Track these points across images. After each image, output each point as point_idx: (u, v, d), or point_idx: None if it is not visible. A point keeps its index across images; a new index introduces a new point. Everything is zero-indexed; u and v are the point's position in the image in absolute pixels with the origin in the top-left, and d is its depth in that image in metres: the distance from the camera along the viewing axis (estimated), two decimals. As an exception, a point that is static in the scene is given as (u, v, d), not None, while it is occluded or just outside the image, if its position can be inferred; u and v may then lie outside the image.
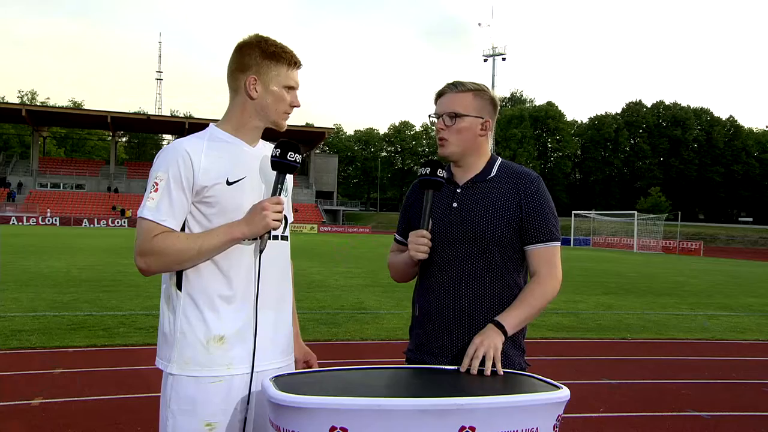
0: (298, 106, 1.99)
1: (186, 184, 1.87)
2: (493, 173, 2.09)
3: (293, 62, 1.94)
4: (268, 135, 2.09)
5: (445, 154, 2.09)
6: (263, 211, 1.84)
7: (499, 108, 2.18)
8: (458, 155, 2.09)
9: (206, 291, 1.89)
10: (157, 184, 1.87)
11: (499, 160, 2.14)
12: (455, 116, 2.05)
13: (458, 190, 2.09)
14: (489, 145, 2.15)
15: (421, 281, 2.14)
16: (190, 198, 1.89)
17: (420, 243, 2.00)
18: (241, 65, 1.94)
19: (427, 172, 2.04)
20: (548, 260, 2.05)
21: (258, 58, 1.92)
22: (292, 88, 1.96)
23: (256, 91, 1.93)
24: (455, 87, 2.08)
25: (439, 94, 2.11)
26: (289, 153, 1.90)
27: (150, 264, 1.86)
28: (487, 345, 1.86)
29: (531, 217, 2.04)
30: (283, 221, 2.03)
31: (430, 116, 2.13)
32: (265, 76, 1.92)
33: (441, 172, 2.04)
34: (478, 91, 2.08)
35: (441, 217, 2.07)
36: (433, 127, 2.14)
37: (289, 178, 2.13)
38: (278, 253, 2.01)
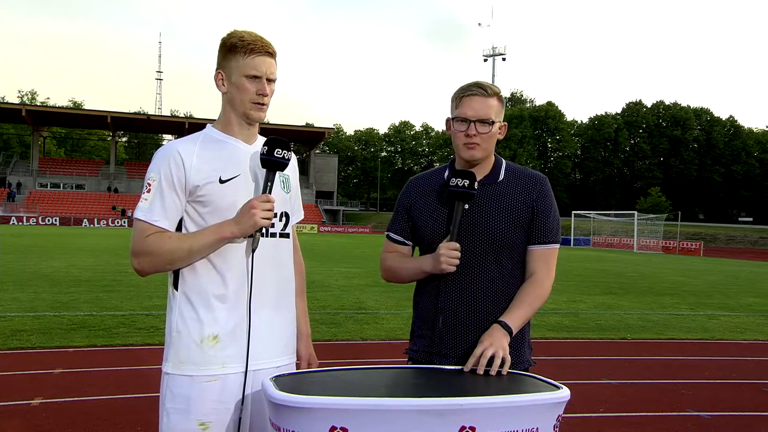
0: (265, 94, 1.94)
1: (178, 184, 1.88)
2: (502, 176, 2.10)
3: (250, 50, 1.90)
4: (270, 133, 2.08)
5: (476, 158, 2.05)
6: (251, 209, 1.84)
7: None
8: (483, 159, 2.08)
9: (201, 290, 1.89)
10: (150, 185, 1.89)
11: (504, 161, 2.15)
12: (492, 123, 2.03)
13: None
14: None
15: (428, 282, 2.11)
16: (184, 198, 1.90)
17: (453, 256, 1.98)
18: (216, 64, 1.98)
19: (466, 184, 1.99)
20: (547, 261, 2.07)
21: (222, 53, 1.95)
22: (254, 77, 1.92)
23: (224, 86, 1.96)
24: (485, 90, 2.03)
25: (466, 95, 2.04)
26: (276, 150, 1.90)
27: (143, 264, 1.87)
28: (496, 347, 1.86)
29: (539, 218, 2.06)
30: (284, 218, 2.03)
31: (454, 118, 2.06)
32: (228, 70, 1.94)
33: (476, 186, 2.01)
34: (500, 95, 2.08)
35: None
36: (452, 129, 2.07)
37: (294, 176, 2.12)
38: (276, 250, 2.00)
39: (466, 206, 2.05)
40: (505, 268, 2.05)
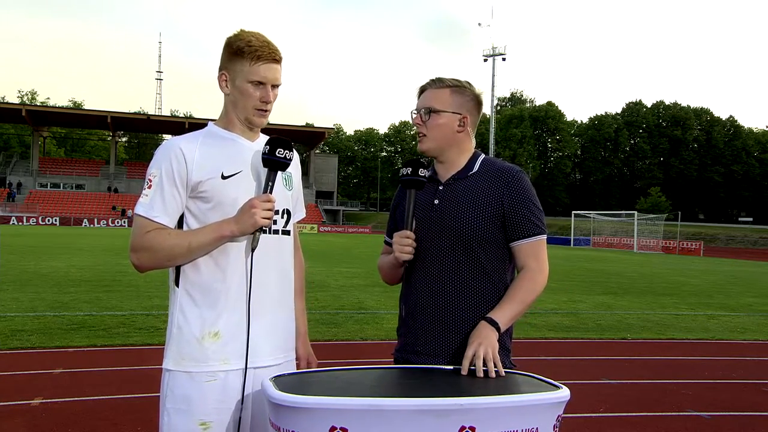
0: (269, 101, 1.93)
1: (179, 180, 1.87)
2: (475, 169, 2.08)
3: (257, 56, 1.88)
4: (270, 133, 2.08)
5: (423, 149, 2.10)
6: (252, 209, 1.83)
7: (483, 105, 2.18)
8: (435, 150, 2.09)
9: (202, 287, 1.89)
10: (150, 181, 1.89)
11: (482, 156, 2.13)
12: (430, 112, 2.06)
13: (440, 188, 2.08)
14: (472, 141, 2.14)
15: (406, 281, 2.12)
16: (185, 194, 1.89)
17: (404, 244, 1.99)
18: (220, 63, 1.97)
19: (409, 172, 2.03)
20: (535, 254, 2.03)
21: (227, 54, 1.93)
22: (260, 83, 1.91)
23: (227, 88, 1.95)
24: (435, 83, 2.09)
25: (421, 90, 2.12)
26: (278, 149, 1.89)
27: (141, 260, 1.87)
28: (486, 346, 1.84)
29: (514, 213, 2.02)
30: (286, 215, 2.03)
31: (412, 112, 2.13)
32: (233, 72, 1.93)
33: (423, 172, 2.03)
34: (457, 87, 2.08)
35: (423, 214, 2.06)
36: (413, 122, 2.15)
37: (296, 173, 2.12)
38: (277, 248, 1.99)
39: (436, 202, 2.06)
40: (481, 264, 2.01)
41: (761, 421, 4.87)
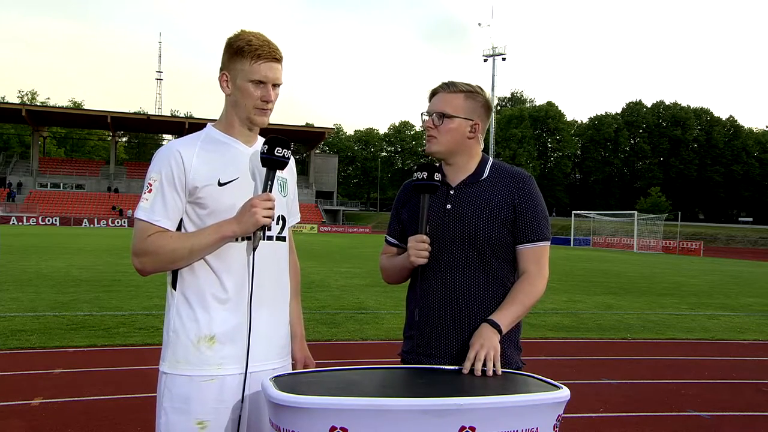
0: (269, 100, 1.93)
1: (179, 184, 1.88)
2: (486, 174, 2.09)
3: (257, 55, 1.88)
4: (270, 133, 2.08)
5: (431, 151, 2.10)
6: (252, 207, 1.83)
7: (492, 111, 2.19)
8: (444, 154, 2.09)
9: (199, 290, 1.89)
10: (151, 185, 1.88)
11: (491, 160, 2.15)
12: (443, 116, 2.06)
13: (451, 192, 2.09)
14: (481, 146, 2.15)
15: (416, 283, 2.12)
16: (184, 198, 1.89)
17: (421, 248, 1.99)
18: (221, 63, 1.96)
19: (424, 176, 2.03)
20: (538, 259, 2.06)
21: (228, 54, 1.93)
22: (260, 83, 1.91)
23: (228, 88, 1.94)
24: (448, 87, 2.09)
25: (433, 93, 2.12)
26: (277, 148, 1.89)
27: (144, 264, 1.87)
28: (487, 347, 1.86)
29: (524, 217, 2.05)
30: (281, 221, 2.03)
31: (422, 114, 2.13)
32: (233, 72, 1.92)
33: (437, 176, 2.03)
34: (470, 93, 2.08)
35: (435, 219, 2.06)
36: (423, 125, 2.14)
37: (291, 179, 2.12)
38: (274, 253, 1.99)
39: (449, 206, 2.06)
40: (492, 268, 2.03)
41: (761, 421, 4.88)
